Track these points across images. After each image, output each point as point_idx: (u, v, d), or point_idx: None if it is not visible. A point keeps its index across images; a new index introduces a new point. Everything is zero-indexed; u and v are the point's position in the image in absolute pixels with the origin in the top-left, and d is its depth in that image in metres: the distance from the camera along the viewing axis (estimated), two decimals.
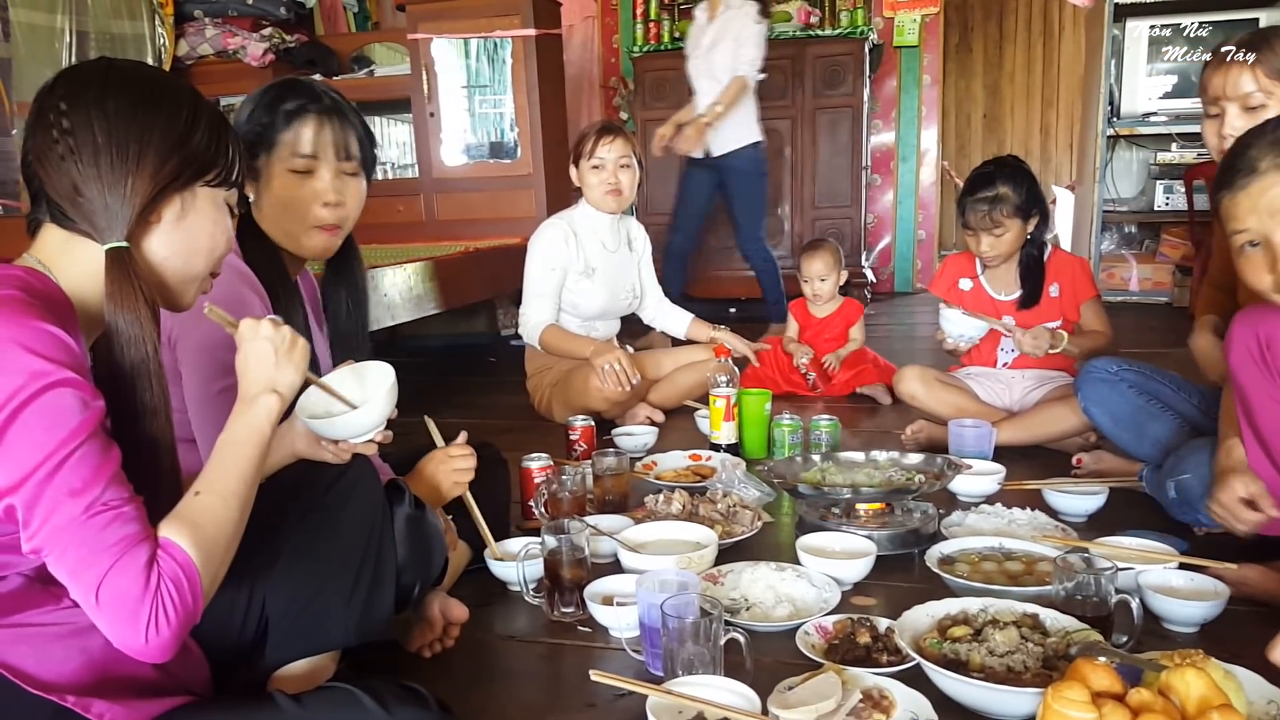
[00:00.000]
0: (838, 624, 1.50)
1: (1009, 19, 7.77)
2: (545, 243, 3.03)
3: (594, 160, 2.97)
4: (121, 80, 1.01)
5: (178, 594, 0.91)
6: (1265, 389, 1.57)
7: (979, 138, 7.91)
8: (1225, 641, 1.46)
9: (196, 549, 0.94)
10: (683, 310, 3.34)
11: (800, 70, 5.15)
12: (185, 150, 1.02)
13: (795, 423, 2.51)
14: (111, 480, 0.91)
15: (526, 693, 1.45)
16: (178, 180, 1.02)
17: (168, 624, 0.90)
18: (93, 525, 0.88)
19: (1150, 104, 4.92)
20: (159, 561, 0.91)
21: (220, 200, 1.09)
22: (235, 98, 4.91)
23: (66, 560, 0.89)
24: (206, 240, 1.07)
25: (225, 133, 1.08)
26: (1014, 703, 1.23)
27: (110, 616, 0.89)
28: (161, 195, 1.01)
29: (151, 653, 0.91)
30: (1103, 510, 2.01)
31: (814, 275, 3.41)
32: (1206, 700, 1.08)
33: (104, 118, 0.98)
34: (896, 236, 6.09)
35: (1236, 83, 1.75)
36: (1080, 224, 5.34)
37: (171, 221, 1.04)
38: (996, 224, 2.54)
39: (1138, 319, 4.61)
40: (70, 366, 0.90)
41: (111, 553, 0.88)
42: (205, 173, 1.05)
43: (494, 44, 4.84)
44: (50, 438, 0.87)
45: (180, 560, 0.92)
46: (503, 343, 4.78)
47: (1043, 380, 2.64)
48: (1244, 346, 1.59)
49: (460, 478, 1.68)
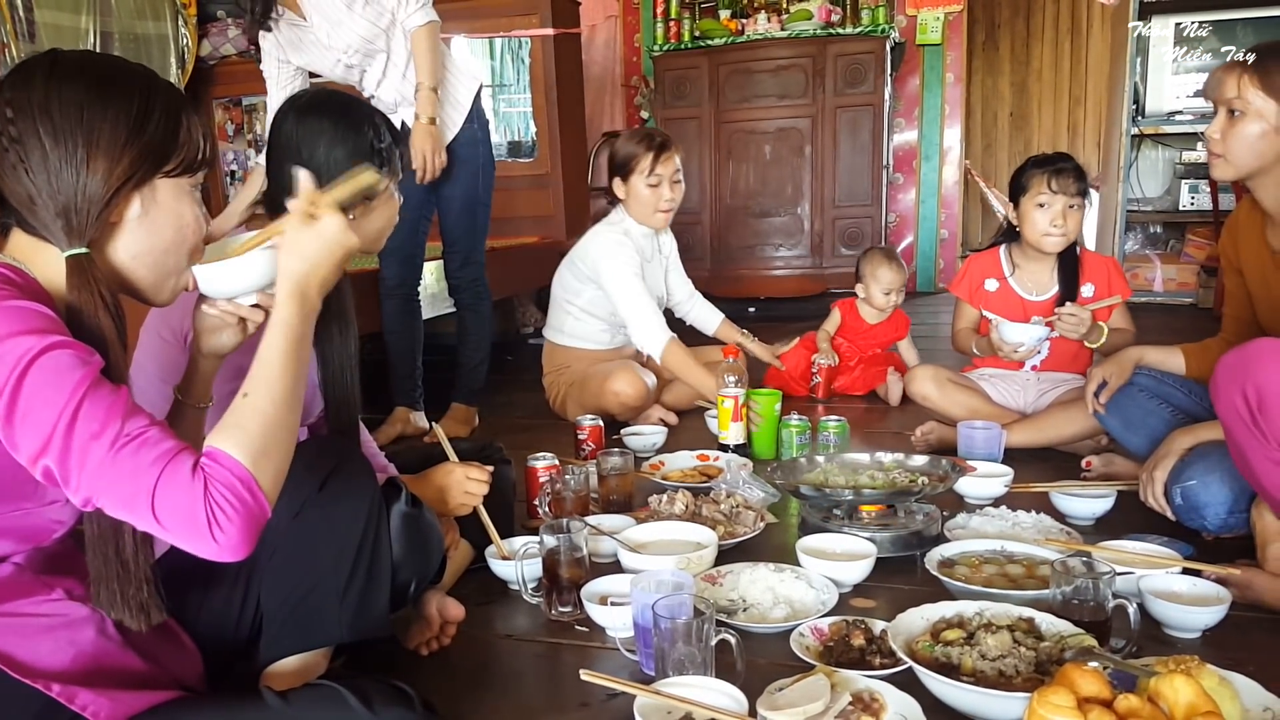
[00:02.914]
0: (833, 626, 1.49)
1: (1036, 16, 7.68)
2: (626, 255, 2.92)
3: (652, 178, 2.91)
4: (66, 79, 0.98)
5: (231, 494, 0.92)
6: (1262, 452, 1.52)
7: (1006, 136, 7.82)
8: (1227, 647, 1.45)
9: (242, 449, 0.94)
10: (715, 309, 3.34)
11: (821, 68, 5.13)
12: (138, 145, 1.00)
13: (804, 424, 2.50)
14: (127, 414, 0.92)
15: (522, 691, 1.46)
16: (133, 178, 1.00)
17: (230, 523, 0.91)
18: (123, 456, 0.89)
19: (1176, 102, 4.86)
20: (203, 468, 0.92)
21: (184, 189, 1.06)
22: (257, 98, 4.99)
23: (115, 498, 0.90)
24: (174, 234, 1.06)
25: (184, 118, 1.05)
26: (1003, 707, 1.22)
27: (176, 530, 0.91)
28: (117, 196, 0.99)
29: (228, 551, 0.92)
30: (1110, 514, 1.99)
31: (886, 285, 3.28)
32: (1194, 707, 1.06)
33: (49, 122, 0.96)
34: (919, 236, 6.05)
35: (1222, 86, 1.73)
36: (1105, 223, 5.28)
37: (134, 220, 1.02)
38: (1081, 191, 2.50)
39: (1162, 320, 4.55)
40: (59, 334, 0.92)
41: (151, 473, 0.90)
42: (163, 164, 1.03)
43: (514, 43, 4.87)
44: (59, 394, 0.89)
45: (226, 464, 0.93)
46: (520, 341, 4.80)
47: (1057, 383, 2.62)
48: (1230, 404, 1.54)
49: (470, 499, 1.70)
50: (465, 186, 2.88)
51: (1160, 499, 1.84)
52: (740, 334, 3.26)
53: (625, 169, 2.95)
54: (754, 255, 5.42)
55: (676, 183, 2.97)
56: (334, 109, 1.58)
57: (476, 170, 2.89)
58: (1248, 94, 1.70)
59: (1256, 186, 1.81)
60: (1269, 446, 1.50)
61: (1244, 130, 1.72)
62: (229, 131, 5.16)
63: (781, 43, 5.18)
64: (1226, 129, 1.74)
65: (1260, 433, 1.50)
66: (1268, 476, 1.54)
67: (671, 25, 5.53)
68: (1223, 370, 1.58)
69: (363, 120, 1.58)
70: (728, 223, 5.42)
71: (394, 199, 1.66)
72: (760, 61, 5.21)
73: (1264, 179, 1.77)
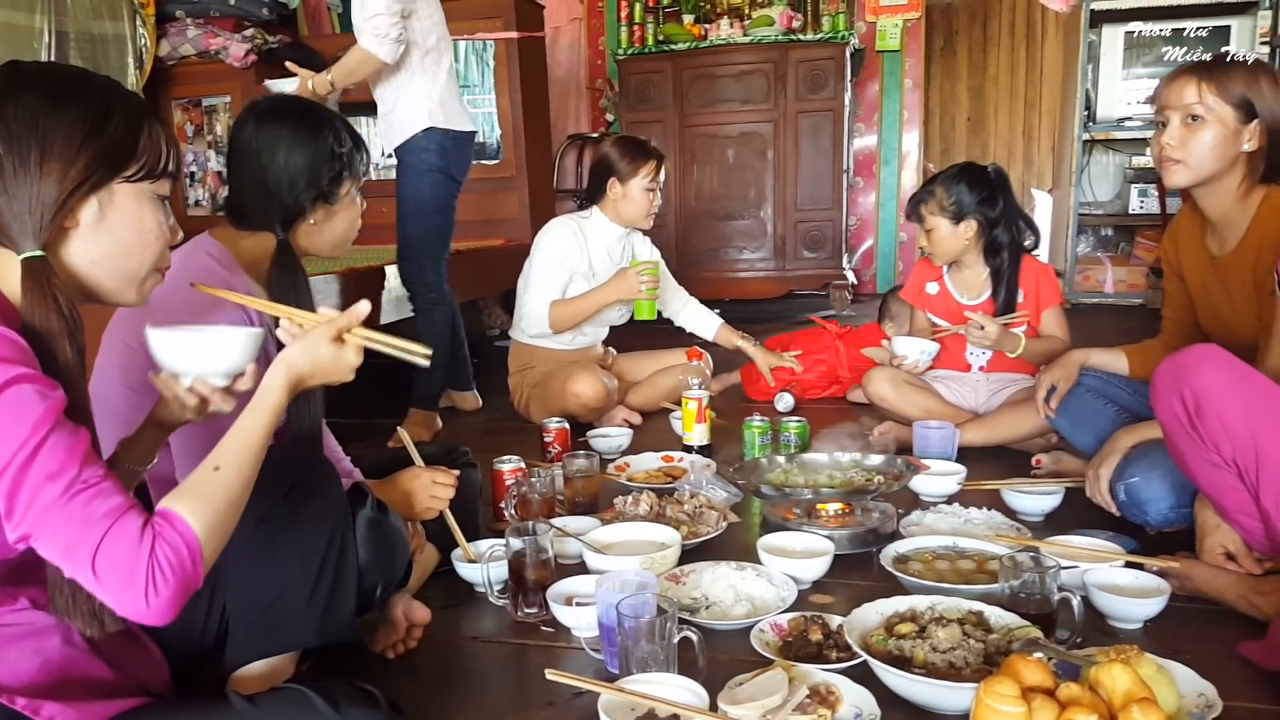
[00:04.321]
0: (792, 622, 1.54)
1: (993, 23, 7.82)
2: (554, 237, 3.07)
3: (652, 184, 3.05)
4: (24, 87, 0.99)
5: (175, 560, 0.93)
6: (1199, 454, 1.58)
7: (963, 140, 7.96)
8: (1166, 637, 1.52)
9: (200, 520, 0.96)
10: (711, 314, 3.37)
11: (783, 74, 5.19)
12: (93, 149, 1.00)
13: (765, 424, 2.55)
14: (85, 460, 0.93)
15: (487, 692, 1.49)
16: (88, 181, 1.00)
17: (167, 587, 0.92)
18: (76, 503, 0.90)
19: (1126, 108, 4.98)
20: (154, 527, 0.93)
21: (146, 194, 1.06)
22: (217, 99, 4.95)
23: (57, 540, 0.91)
24: (135, 238, 1.06)
25: (145, 125, 1.05)
26: (953, 698, 1.27)
27: (110, 585, 0.91)
28: (72, 199, 1.00)
29: (154, 615, 0.93)
30: (1059, 510, 2.06)
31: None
32: (1130, 694, 1.12)
33: (4, 128, 0.97)
34: (879, 239, 6.15)
35: (1181, 93, 1.79)
36: (1057, 227, 5.41)
37: (90, 224, 1.02)
38: (920, 219, 2.68)
39: (1113, 321, 4.66)
40: (23, 364, 0.92)
41: (101, 524, 0.91)
42: (122, 168, 1.03)
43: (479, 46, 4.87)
44: (19, 429, 0.89)
45: (180, 529, 0.94)
46: (487, 343, 4.80)
47: (1008, 383, 2.70)
48: (1169, 408, 1.60)
49: (435, 504, 1.71)
50: (410, 190, 2.96)
51: (1106, 495, 1.90)
52: (740, 338, 3.29)
53: (627, 172, 3.04)
54: (718, 258, 5.47)
55: (660, 188, 3.12)
56: (293, 114, 1.58)
57: (421, 175, 2.94)
58: (1209, 99, 1.77)
59: (1204, 193, 1.88)
60: (1205, 449, 1.56)
61: (1205, 136, 1.78)
62: (188, 132, 5.11)
63: (744, 48, 5.24)
64: (1185, 136, 1.80)
65: (1197, 435, 1.56)
66: (1205, 477, 1.61)
67: (635, 29, 5.55)
68: (1161, 376, 1.64)
69: (322, 125, 1.58)
70: (692, 225, 5.47)
71: (355, 204, 1.66)
72: (723, 66, 5.27)
73: (1215, 185, 1.84)
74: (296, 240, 1.59)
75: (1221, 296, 1.93)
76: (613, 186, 3.07)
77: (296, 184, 1.54)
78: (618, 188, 3.06)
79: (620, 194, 3.06)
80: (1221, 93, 1.76)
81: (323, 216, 1.59)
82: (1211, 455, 1.56)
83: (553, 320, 3.01)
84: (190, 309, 1.36)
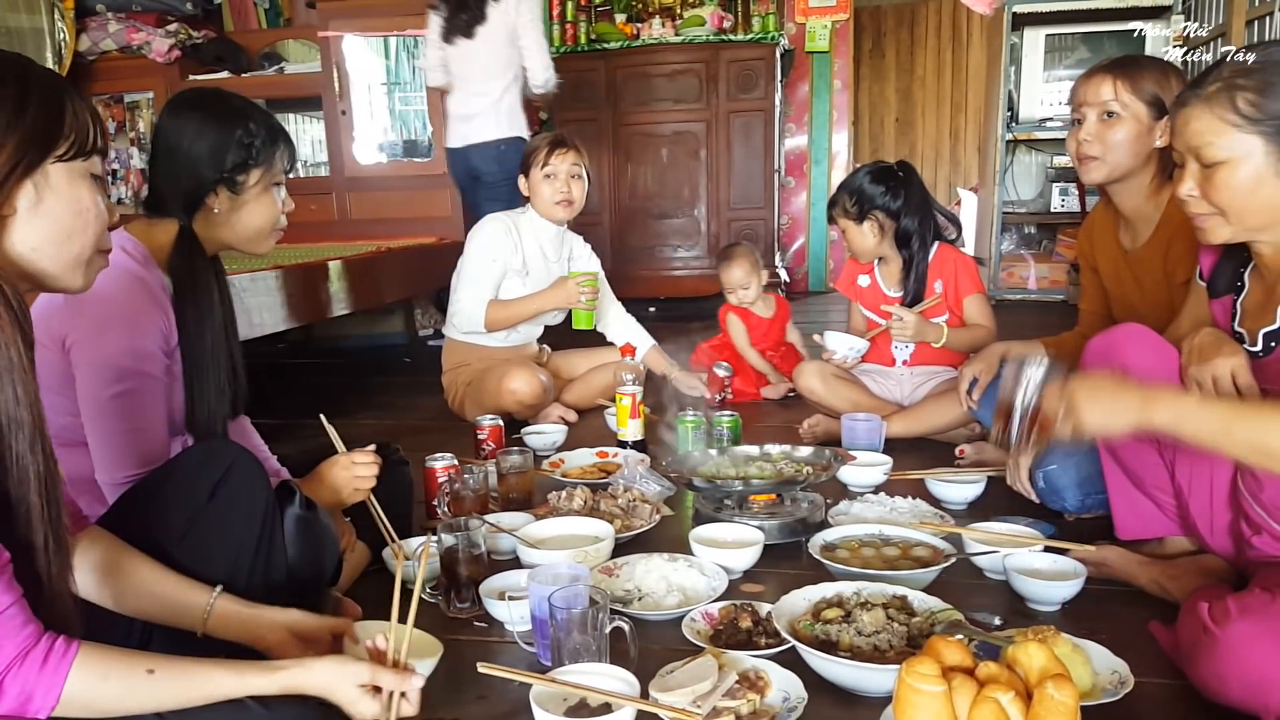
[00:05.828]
0: (723, 610, 1.56)
1: (920, 25, 8.01)
2: (486, 234, 3.06)
3: (546, 170, 3.02)
4: None
5: (23, 691, 0.92)
6: None
7: (892, 141, 8.13)
8: (1083, 618, 1.57)
9: (84, 686, 0.95)
10: (646, 334, 3.33)
11: (714, 74, 5.24)
12: (19, 132, 0.98)
13: (698, 419, 2.57)
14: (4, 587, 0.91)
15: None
16: (19, 165, 0.98)
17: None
18: None
19: (1047, 109, 5.13)
20: (42, 644, 0.93)
21: (80, 173, 1.04)
22: (140, 94, 4.83)
23: None
24: (75, 219, 1.04)
25: (68, 103, 1.03)
26: (877, 680, 1.30)
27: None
28: (5, 185, 0.97)
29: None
30: (981, 498, 2.12)
31: (736, 284, 3.39)
32: (1046, 671, 1.16)
33: None
34: (810, 237, 6.25)
35: (1098, 90, 1.86)
36: (982, 224, 5.56)
37: (28, 210, 1.00)
38: (832, 221, 2.80)
39: (1036, 316, 4.81)
40: None
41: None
42: (51, 148, 1.01)
43: (409, 42, 4.83)
44: None
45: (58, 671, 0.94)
46: (420, 343, 4.77)
47: (929, 375, 2.76)
48: None
49: (361, 484, 1.67)
50: None
51: (1025, 483, 1.97)
52: (668, 364, 3.26)
53: (525, 165, 3.07)
54: (653, 256, 5.50)
55: (575, 178, 3.05)
56: (207, 103, 1.56)
57: None
58: (1124, 96, 1.84)
59: (1118, 189, 1.95)
60: None
61: (1120, 132, 1.85)
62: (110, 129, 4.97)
63: (676, 48, 5.28)
64: (1101, 131, 1.87)
65: None
66: (1127, 450, 1.66)
67: (568, 27, 5.55)
68: (1091, 354, 1.69)
69: (234, 115, 1.55)
70: (627, 223, 5.49)
71: (269, 199, 1.60)
72: (656, 66, 5.30)
73: (1129, 181, 1.91)
74: (202, 229, 1.56)
75: (1134, 288, 2.01)
76: (522, 183, 3.11)
77: (196, 166, 1.52)
78: (524, 182, 3.10)
79: (529, 188, 3.09)
80: (1135, 90, 1.83)
81: (227, 206, 1.55)
82: None
83: (488, 321, 3.00)
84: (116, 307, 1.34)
